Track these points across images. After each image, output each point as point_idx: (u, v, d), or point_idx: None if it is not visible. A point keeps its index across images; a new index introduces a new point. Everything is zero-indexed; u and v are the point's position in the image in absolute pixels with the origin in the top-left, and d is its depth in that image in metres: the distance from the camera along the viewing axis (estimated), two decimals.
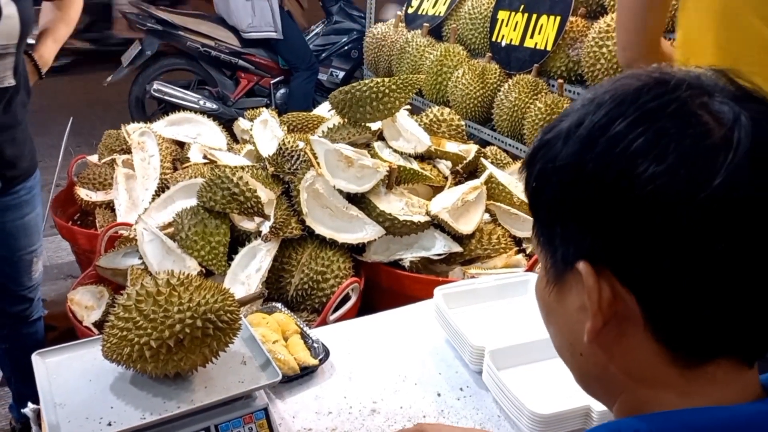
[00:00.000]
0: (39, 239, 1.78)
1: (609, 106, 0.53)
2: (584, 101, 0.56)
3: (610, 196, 0.51)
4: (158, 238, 1.74)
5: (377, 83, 1.95)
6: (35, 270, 1.78)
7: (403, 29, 3.20)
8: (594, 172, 0.52)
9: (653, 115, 0.51)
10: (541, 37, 2.40)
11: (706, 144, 0.49)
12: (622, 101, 0.53)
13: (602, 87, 0.57)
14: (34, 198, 1.73)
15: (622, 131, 0.51)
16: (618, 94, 0.54)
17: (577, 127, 0.54)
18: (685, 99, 0.52)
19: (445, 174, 2.07)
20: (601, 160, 0.51)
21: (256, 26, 4.22)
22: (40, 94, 5.97)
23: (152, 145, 2.22)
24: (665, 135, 0.50)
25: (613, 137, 0.51)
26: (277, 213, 1.75)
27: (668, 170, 0.49)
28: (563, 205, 0.55)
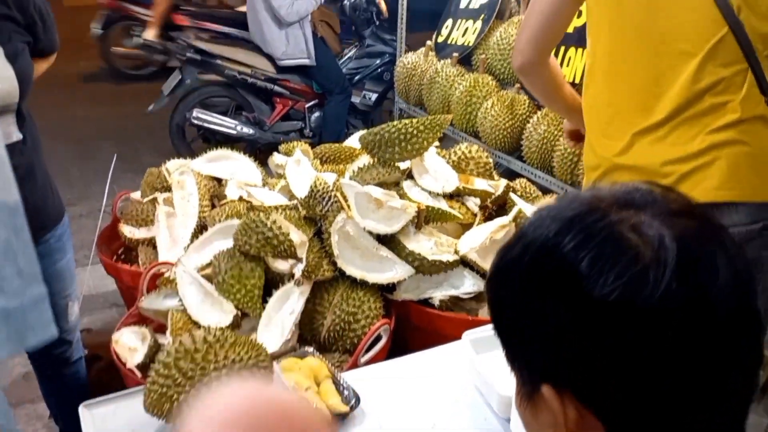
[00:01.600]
0: (72, 283, 1.84)
1: (554, 231, 0.60)
2: (534, 224, 0.63)
3: (559, 317, 0.58)
4: (197, 281, 1.82)
5: (405, 124, 2.00)
6: (71, 313, 1.85)
7: (432, 58, 3.24)
8: (542, 295, 0.59)
9: (592, 240, 0.57)
10: (569, 69, 2.41)
11: (638, 267, 0.55)
12: (566, 226, 0.59)
13: (547, 210, 0.64)
14: (64, 244, 1.78)
15: (568, 255, 0.58)
16: (562, 218, 0.61)
17: (526, 252, 0.61)
18: (616, 222, 0.58)
19: (474, 211, 2.09)
20: (549, 282, 0.59)
21: (290, 53, 4.32)
22: (85, 120, 6.18)
23: (191, 183, 2.31)
24: (603, 258, 0.56)
25: (560, 260, 0.58)
26: (309, 255, 1.81)
27: (610, 291, 0.55)
28: (521, 330, 0.62)
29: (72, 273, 1.85)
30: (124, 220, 2.43)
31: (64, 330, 1.86)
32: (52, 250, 1.74)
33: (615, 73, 1.41)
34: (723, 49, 1.26)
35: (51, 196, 1.75)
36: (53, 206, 1.76)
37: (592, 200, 0.61)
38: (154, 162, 2.66)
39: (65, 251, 1.80)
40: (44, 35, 1.64)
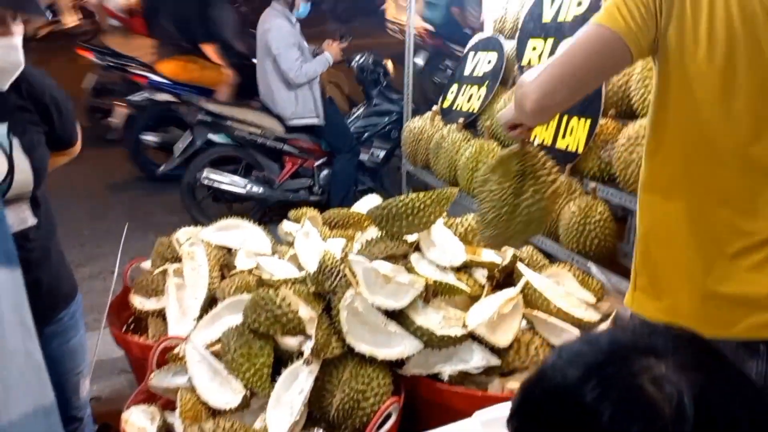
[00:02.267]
0: (85, 358, 1.84)
1: (575, 377, 0.64)
2: (554, 367, 0.67)
3: None
4: (206, 359, 1.83)
5: (412, 199, 2.03)
6: (82, 389, 1.84)
7: (439, 122, 3.31)
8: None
9: (612, 392, 0.61)
10: (572, 138, 2.46)
11: (658, 425, 0.59)
12: (587, 374, 0.63)
13: (568, 352, 0.68)
14: (77, 322, 1.79)
15: (589, 406, 0.61)
16: (583, 364, 0.65)
17: (547, 397, 0.66)
18: (637, 374, 0.62)
19: (482, 282, 2.11)
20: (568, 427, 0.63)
21: (300, 114, 4.42)
22: (97, 179, 6.25)
23: (201, 254, 2.34)
24: (624, 413, 0.60)
25: (581, 411, 0.62)
26: (318, 333, 1.82)
27: None
28: None
29: (84, 348, 1.85)
30: (135, 290, 2.45)
31: (75, 407, 1.85)
32: (66, 328, 1.75)
33: (695, 191, 1.28)
34: None
35: (65, 275, 1.77)
36: (67, 285, 1.78)
37: (612, 345, 0.65)
38: (164, 221, 2.70)
39: (78, 328, 1.81)
40: (61, 125, 1.66)
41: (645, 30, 1.24)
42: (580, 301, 2.10)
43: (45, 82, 1.61)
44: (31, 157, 1.54)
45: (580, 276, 2.20)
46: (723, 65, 1.20)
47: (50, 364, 1.70)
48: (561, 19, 2.70)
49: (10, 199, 1.52)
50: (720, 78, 1.21)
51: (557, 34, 2.73)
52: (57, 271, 1.72)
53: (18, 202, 1.56)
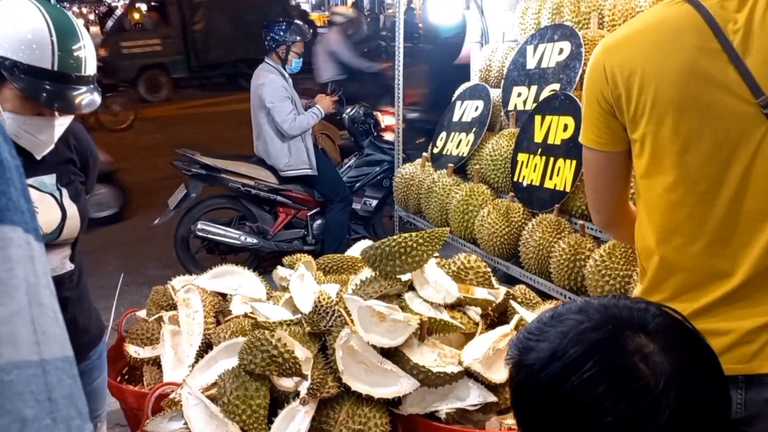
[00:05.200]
0: (103, 403, 1.86)
1: (578, 353, 0.71)
2: (551, 336, 0.75)
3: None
4: (202, 402, 1.82)
5: (405, 238, 2.07)
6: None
7: (429, 168, 3.38)
8: (558, 413, 0.71)
9: (608, 372, 0.68)
10: (559, 178, 2.53)
11: (647, 400, 0.66)
12: (589, 352, 0.70)
13: (563, 322, 0.76)
14: (102, 362, 1.84)
15: (585, 383, 0.69)
16: (585, 341, 0.71)
17: (549, 364, 0.72)
18: (632, 353, 0.69)
19: (476, 320, 2.12)
20: (566, 401, 0.70)
21: (293, 164, 4.51)
22: (89, 233, 6.32)
23: (196, 301, 2.35)
24: (616, 390, 0.67)
25: (577, 387, 0.69)
26: (314, 372, 1.82)
27: (617, 423, 0.66)
28: (534, 416, 0.75)
29: (105, 391, 1.88)
30: (129, 339, 2.44)
31: None
32: (93, 367, 1.80)
33: (676, 238, 1.31)
34: None
35: (95, 315, 1.87)
36: (97, 324, 1.86)
37: (608, 319, 0.72)
38: (158, 274, 2.72)
39: (102, 368, 1.86)
40: (91, 180, 1.80)
41: (615, 128, 1.34)
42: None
43: (88, 139, 1.75)
44: (77, 205, 1.65)
45: None
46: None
47: None
48: (544, 66, 2.82)
49: (57, 243, 1.62)
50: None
51: (540, 81, 2.84)
52: (89, 313, 1.82)
53: (62, 247, 1.67)
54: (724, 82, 1.21)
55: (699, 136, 1.24)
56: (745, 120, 1.21)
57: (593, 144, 1.37)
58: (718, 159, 1.23)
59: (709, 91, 1.22)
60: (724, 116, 1.22)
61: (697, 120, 1.24)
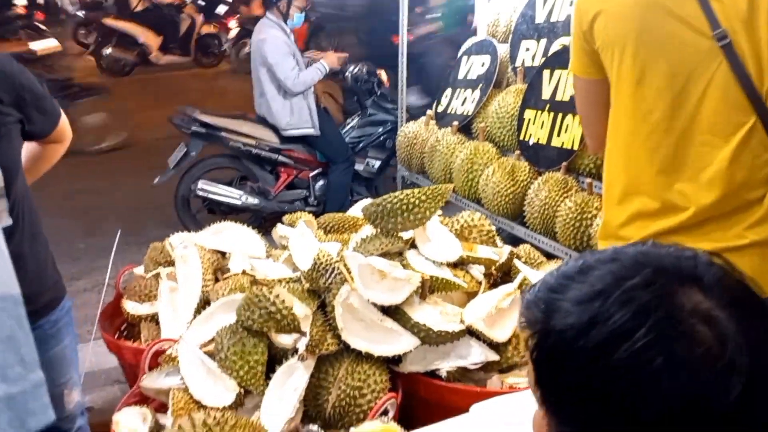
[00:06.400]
0: (69, 370, 1.72)
1: (626, 317, 0.57)
2: (585, 294, 0.60)
3: (615, 417, 0.56)
4: (199, 358, 1.79)
5: (407, 195, 2.01)
6: (69, 401, 1.73)
7: (433, 127, 3.30)
8: (604, 390, 0.57)
9: (664, 338, 0.55)
10: (567, 136, 2.45)
11: (713, 371, 0.54)
12: (640, 316, 0.57)
13: (597, 276, 0.61)
14: (60, 331, 1.67)
15: (639, 351, 0.55)
16: (630, 301, 0.58)
17: (589, 331, 0.58)
18: (688, 315, 0.56)
19: (479, 279, 2.08)
20: (614, 375, 0.56)
21: (295, 124, 4.42)
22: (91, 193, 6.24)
23: (194, 258, 2.31)
24: (675, 361, 0.54)
25: (632, 355, 0.56)
26: (313, 329, 1.78)
27: (680, 400, 0.54)
28: (570, 393, 0.60)
29: (69, 360, 1.73)
30: (127, 295, 2.42)
31: (60, 419, 1.70)
32: (46, 336, 1.64)
33: (633, 164, 1.39)
34: (754, 139, 1.23)
35: (45, 283, 1.65)
36: (48, 292, 1.66)
37: (655, 271, 0.59)
38: (159, 234, 2.67)
39: (60, 338, 1.69)
40: (38, 115, 1.56)
41: (594, 58, 1.42)
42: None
43: (16, 72, 1.50)
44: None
45: None
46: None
47: None
48: (554, 20, 2.71)
49: None
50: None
51: (550, 35, 2.74)
52: (37, 279, 1.60)
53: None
54: (682, 14, 1.25)
55: (654, 67, 1.30)
56: (700, 53, 1.25)
57: (578, 72, 1.49)
58: (671, 90, 1.29)
59: (667, 23, 1.27)
60: (680, 48, 1.27)
61: (654, 51, 1.29)
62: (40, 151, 1.72)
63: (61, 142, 1.75)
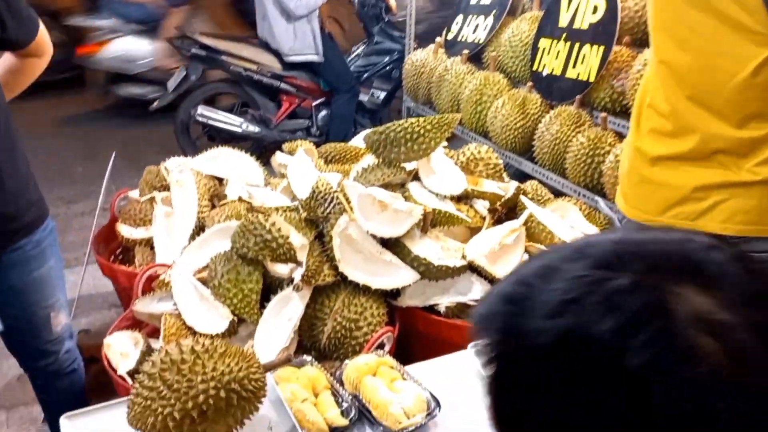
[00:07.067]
0: (54, 293, 1.68)
1: (610, 327, 0.43)
2: (553, 304, 0.46)
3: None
4: (192, 284, 1.74)
5: (412, 123, 1.91)
6: (56, 323, 1.70)
7: (442, 56, 3.15)
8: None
9: (658, 354, 0.42)
10: (583, 67, 2.32)
11: (720, 391, 0.41)
12: (627, 325, 0.43)
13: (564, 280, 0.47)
14: (43, 252, 1.62)
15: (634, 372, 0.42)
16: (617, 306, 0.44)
17: (562, 346, 0.45)
18: (683, 324, 0.42)
19: (483, 214, 2.01)
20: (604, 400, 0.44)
21: (298, 49, 4.24)
22: (90, 117, 6.13)
23: (190, 183, 2.24)
24: (673, 383, 0.42)
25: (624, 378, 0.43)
26: (309, 259, 1.73)
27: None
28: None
29: (55, 282, 1.68)
30: (122, 219, 2.36)
31: (47, 341, 1.71)
32: (29, 257, 1.59)
33: (659, 88, 1.31)
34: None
35: (26, 202, 1.58)
36: (30, 213, 1.59)
37: (646, 275, 0.45)
38: (157, 160, 2.59)
39: (45, 259, 1.64)
40: (13, 22, 1.46)
41: None
42: (585, 235, 2.00)
43: None
44: None
45: (586, 210, 2.10)
46: None
47: (14, 295, 1.60)
48: None
49: None
50: None
51: None
52: (14, 198, 1.54)
53: None
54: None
55: None
56: None
57: None
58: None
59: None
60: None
61: None
62: (17, 65, 1.61)
63: (41, 56, 1.64)
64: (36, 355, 1.73)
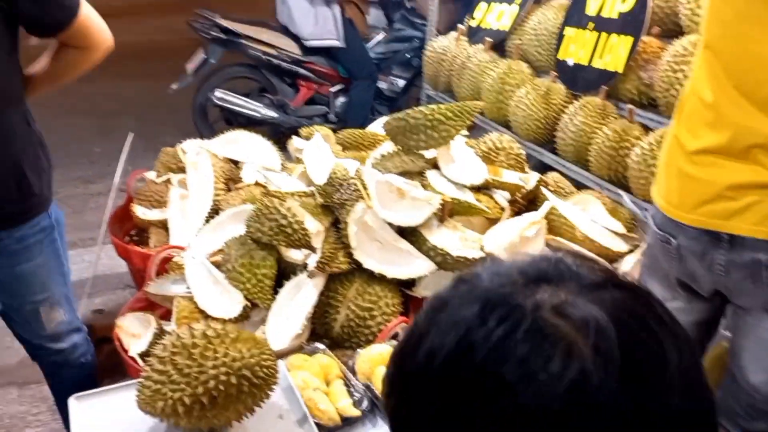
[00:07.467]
0: (45, 290, 1.61)
1: (463, 329, 0.48)
2: (431, 321, 0.52)
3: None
4: (206, 268, 1.72)
5: (432, 110, 1.87)
6: (50, 320, 1.64)
7: (464, 44, 3.09)
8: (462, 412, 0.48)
9: (512, 336, 0.46)
10: (611, 57, 2.26)
11: (575, 367, 0.44)
12: (476, 319, 0.48)
13: (442, 301, 0.52)
14: (28, 249, 1.53)
15: (489, 358, 0.46)
16: (465, 316, 0.49)
17: (433, 358, 0.49)
18: (534, 308, 0.47)
19: (502, 205, 1.96)
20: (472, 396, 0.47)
21: (318, 34, 4.20)
22: (109, 97, 6.13)
23: (206, 165, 2.22)
24: (532, 359, 0.45)
25: (480, 366, 0.47)
26: (324, 246, 1.70)
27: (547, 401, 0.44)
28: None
29: (45, 279, 1.60)
30: (138, 200, 2.35)
31: (41, 336, 1.67)
32: (12, 252, 1.51)
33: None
34: None
35: (9, 196, 1.47)
36: (12, 206, 1.48)
37: (495, 283, 0.50)
38: (175, 142, 2.58)
39: (31, 256, 1.54)
40: (30, 1, 1.32)
41: None
42: (607, 229, 1.95)
43: None
44: None
45: (609, 205, 2.05)
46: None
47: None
48: None
49: None
50: None
51: None
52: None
53: None
54: None
55: None
56: None
57: None
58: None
59: None
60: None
61: None
62: (58, 53, 1.48)
63: (83, 48, 1.46)
64: (33, 345, 1.70)
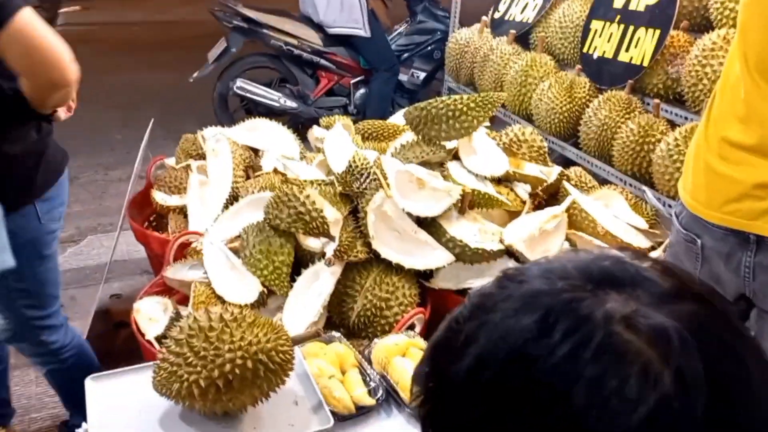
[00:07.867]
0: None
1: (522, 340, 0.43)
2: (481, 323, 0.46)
3: None
4: (223, 254, 1.72)
5: (455, 100, 1.85)
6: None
7: (487, 35, 3.06)
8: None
9: (581, 357, 0.41)
10: (637, 51, 2.21)
11: (656, 394, 0.39)
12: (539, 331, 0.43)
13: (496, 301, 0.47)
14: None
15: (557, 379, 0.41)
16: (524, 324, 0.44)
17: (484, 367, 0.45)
18: (603, 322, 0.42)
19: (523, 198, 1.94)
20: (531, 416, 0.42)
21: (343, 22, 4.18)
22: (130, 86, 6.17)
23: (226, 152, 2.22)
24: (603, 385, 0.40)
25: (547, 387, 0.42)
26: (342, 234, 1.69)
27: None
28: None
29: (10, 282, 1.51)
30: (157, 186, 2.36)
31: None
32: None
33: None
34: None
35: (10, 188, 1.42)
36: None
37: (554, 285, 0.45)
38: (195, 130, 2.58)
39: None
40: None
41: None
42: (629, 225, 1.92)
43: None
44: None
45: (632, 200, 2.01)
46: None
47: None
48: None
49: None
50: None
51: None
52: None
53: None
54: None
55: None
56: None
57: None
58: None
59: None
60: None
61: None
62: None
63: (23, 71, 1.29)
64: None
